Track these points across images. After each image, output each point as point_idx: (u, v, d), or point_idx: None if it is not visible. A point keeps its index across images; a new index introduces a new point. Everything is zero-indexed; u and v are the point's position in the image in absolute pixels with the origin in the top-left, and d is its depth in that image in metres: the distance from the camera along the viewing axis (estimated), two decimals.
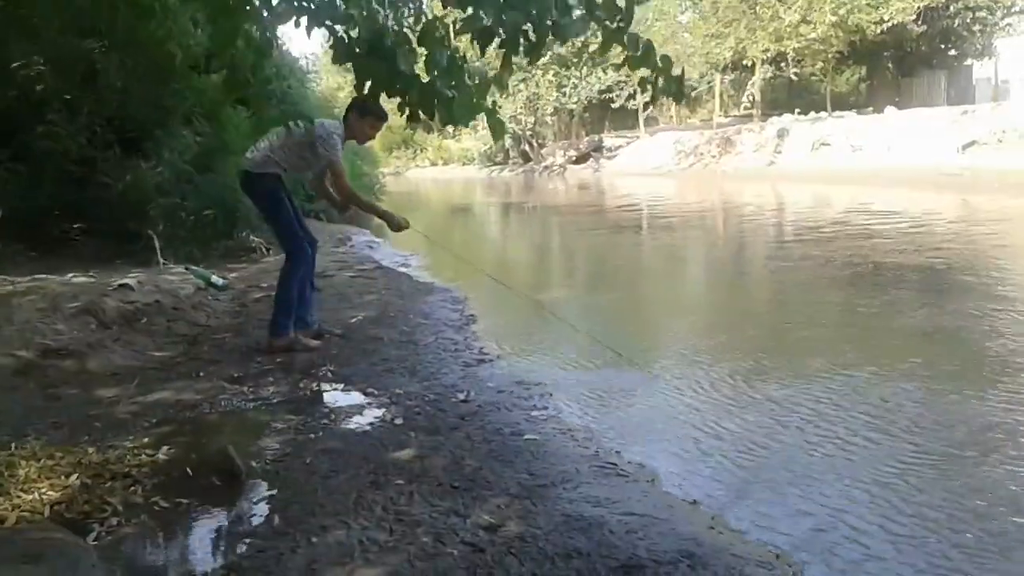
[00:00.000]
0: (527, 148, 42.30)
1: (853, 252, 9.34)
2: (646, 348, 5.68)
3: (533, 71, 35.48)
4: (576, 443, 3.69)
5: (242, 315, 6.53)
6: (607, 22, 2.79)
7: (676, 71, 2.95)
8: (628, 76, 37.13)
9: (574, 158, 38.69)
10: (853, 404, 4.18)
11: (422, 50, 2.77)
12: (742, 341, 5.66)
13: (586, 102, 40.97)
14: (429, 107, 2.72)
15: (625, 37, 2.81)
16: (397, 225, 5.25)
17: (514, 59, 2.85)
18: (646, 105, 38.78)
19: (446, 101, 2.70)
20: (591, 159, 37.99)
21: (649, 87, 2.99)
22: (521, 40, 2.75)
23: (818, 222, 13.23)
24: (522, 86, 39.24)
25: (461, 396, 4.30)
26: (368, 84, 2.76)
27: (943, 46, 33.23)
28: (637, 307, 7.53)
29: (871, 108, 30.88)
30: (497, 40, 2.77)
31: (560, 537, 2.68)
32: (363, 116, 5.14)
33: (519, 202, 22.35)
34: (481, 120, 2.91)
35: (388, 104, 3.38)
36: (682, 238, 12.72)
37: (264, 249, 9.79)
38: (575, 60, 38.72)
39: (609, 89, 39.39)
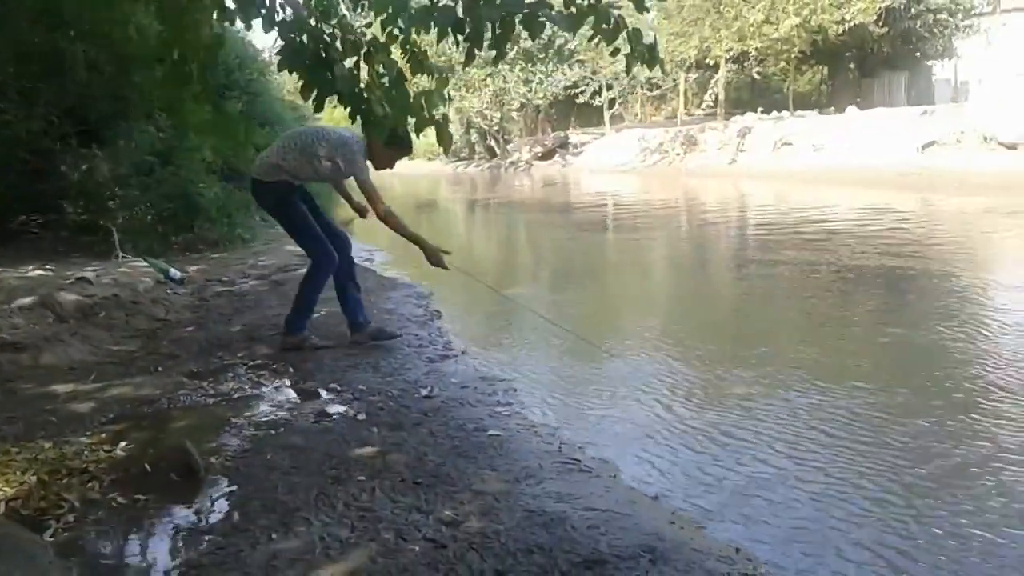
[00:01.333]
0: (493, 144, 42.26)
1: (815, 255, 9.43)
2: (610, 347, 5.71)
3: (500, 66, 35.39)
4: (540, 439, 3.70)
5: (202, 309, 6.46)
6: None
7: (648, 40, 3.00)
8: (594, 72, 37.28)
9: (540, 154, 38.66)
10: (815, 406, 4.23)
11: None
12: (705, 343, 5.71)
13: (552, 98, 41.00)
14: (369, 122, 2.77)
15: (598, 10, 2.85)
16: (436, 259, 4.87)
17: (478, 54, 2.88)
18: (612, 102, 38.98)
19: (377, 120, 2.73)
20: (557, 155, 37.99)
21: (627, 60, 3.03)
22: (487, 33, 2.78)
23: (780, 223, 13.36)
24: (489, 81, 39.18)
25: (425, 392, 4.29)
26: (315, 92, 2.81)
27: (904, 47, 33.70)
28: (602, 307, 7.56)
29: (832, 108, 31.22)
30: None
31: (522, 533, 2.69)
32: (389, 144, 4.84)
33: (485, 198, 22.34)
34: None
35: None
36: (647, 238, 12.79)
37: (226, 243, 9.70)
38: (541, 55, 38.75)
39: (575, 85, 39.45)
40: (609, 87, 37.92)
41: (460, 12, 2.78)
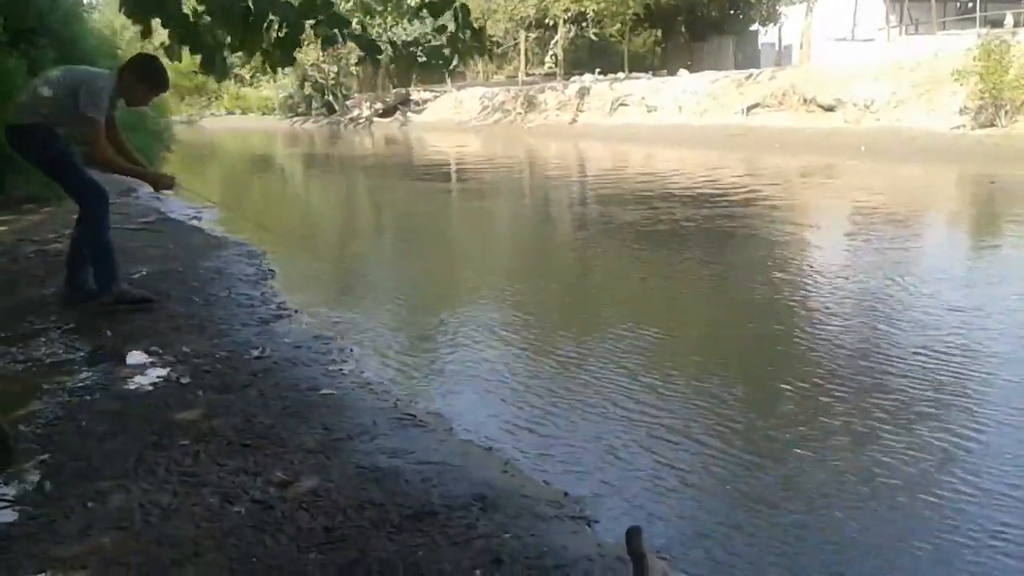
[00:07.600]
0: (331, 99, 41.10)
1: (649, 213, 9.79)
2: (444, 305, 5.74)
3: None
4: (375, 396, 3.68)
5: (11, 272, 5.99)
6: None
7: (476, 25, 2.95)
8: (435, 31, 36.82)
9: (381, 111, 37.97)
10: (640, 359, 4.39)
11: None
12: (541, 298, 5.83)
13: (393, 53, 40.22)
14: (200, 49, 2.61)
15: None
16: (163, 185, 4.85)
17: None
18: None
19: (208, 47, 2.58)
20: (398, 112, 37.44)
21: (458, 45, 2.98)
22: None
23: (618, 184, 13.77)
24: None
25: (256, 353, 4.15)
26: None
27: (732, 12, 35.17)
28: (441, 264, 7.54)
29: (665, 70, 32.22)
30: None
31: (354, 489, 2.67)
32: (140, 80, 4.61)
33: (324, 155, 21.76)
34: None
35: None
36: (489, 196, 12.88)
37: (40, 200, 9.00)
38: (380, 8, 37.85)
39: (416, 42, 38.85)
40: None
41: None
